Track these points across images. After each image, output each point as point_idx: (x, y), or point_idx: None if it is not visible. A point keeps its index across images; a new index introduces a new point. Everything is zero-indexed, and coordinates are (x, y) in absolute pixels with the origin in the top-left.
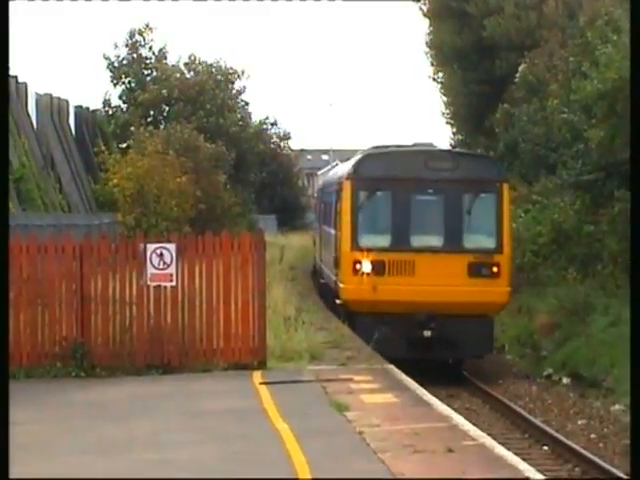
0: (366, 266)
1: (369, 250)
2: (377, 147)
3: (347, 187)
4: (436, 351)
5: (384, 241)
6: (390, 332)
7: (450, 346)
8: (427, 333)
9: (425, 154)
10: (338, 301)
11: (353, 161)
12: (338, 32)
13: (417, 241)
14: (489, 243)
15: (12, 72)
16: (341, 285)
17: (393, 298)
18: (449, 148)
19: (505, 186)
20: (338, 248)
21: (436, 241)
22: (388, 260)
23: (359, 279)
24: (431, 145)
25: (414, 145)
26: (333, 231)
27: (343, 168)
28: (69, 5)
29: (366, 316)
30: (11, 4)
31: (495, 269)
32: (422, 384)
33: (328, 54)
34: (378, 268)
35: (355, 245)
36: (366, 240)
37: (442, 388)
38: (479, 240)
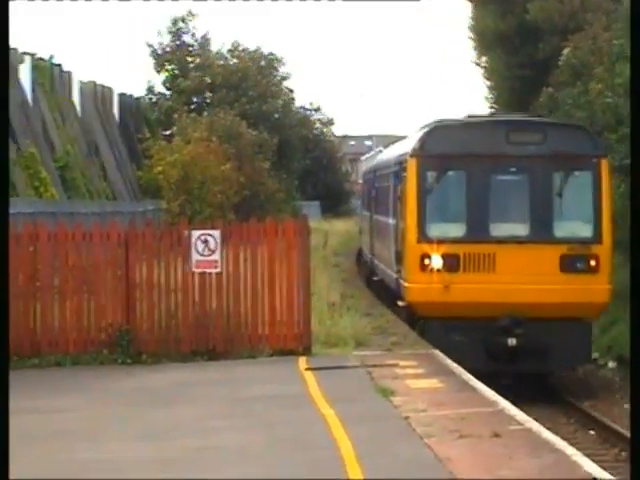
0: (436, 261)
1: (440, 241)
2: (441, 121)
3: (412, 166)
4: (522, 362)
5: (458, 230)
6: (466, 340)
7: (539, 356)
8: (511, 341)
9: (506, 125)
10: (400, 303)
11: (419, 135)
12: (383, 16)
13: (498, 230)
14: (585, 231)
15: (57, 60)
16: (405, 284)
17: (470, 299)
18: (535, 117)
19: (604, 162)
20: (401, 240)
21: (521, 229)
22: (463, 253)
23: (428, 277)
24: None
25: (492, 115)
26: (391, 220)
27: (404, 145)
28: None
29: (437, 321)
30: None
31: (593, 263)
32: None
33: (372, 39)
34: (451, 263)
35: (423, 236)
36: (436, 229)
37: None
38: (573, 228)
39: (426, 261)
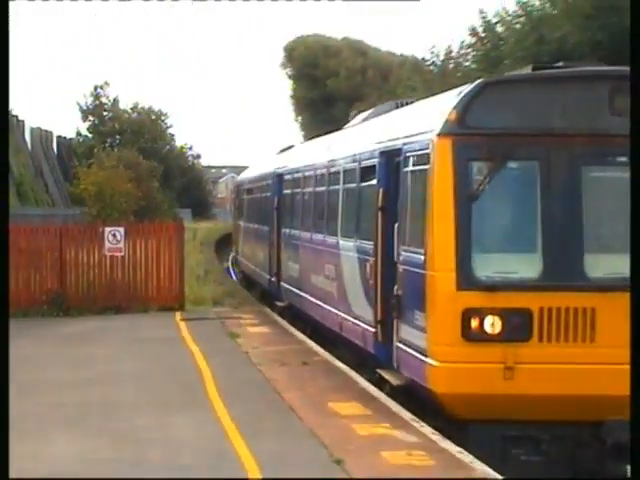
0: (491, 322)
1: (495, 288)
2: (490, 80)
3: (443, 152)
4: None
5: (528, 267)
6: (545, 462)
7: None
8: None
9: (608, 82)
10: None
11: (453, 100)
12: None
13: (599, 266)
14: None
15: (14, 112)
16: (431, 362)
17: (551, 390)
18: None
19: None
20: (416, 283)
21: None
22: (539, 308)
23: (476, 351)
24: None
25: (570, 65)
26: (364, 243)
27: (410, 114)
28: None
29: (491, 428)
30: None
31: None
32: None
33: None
34: (517, 326)
35: (466, 278)
36: (490, 265)
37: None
38: None
39: (473, 322)
